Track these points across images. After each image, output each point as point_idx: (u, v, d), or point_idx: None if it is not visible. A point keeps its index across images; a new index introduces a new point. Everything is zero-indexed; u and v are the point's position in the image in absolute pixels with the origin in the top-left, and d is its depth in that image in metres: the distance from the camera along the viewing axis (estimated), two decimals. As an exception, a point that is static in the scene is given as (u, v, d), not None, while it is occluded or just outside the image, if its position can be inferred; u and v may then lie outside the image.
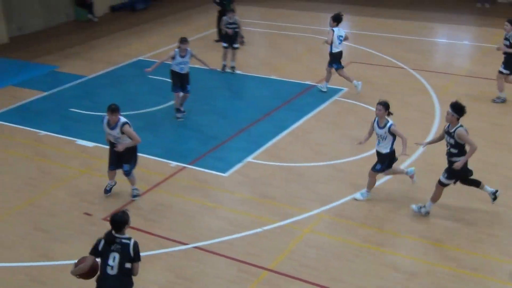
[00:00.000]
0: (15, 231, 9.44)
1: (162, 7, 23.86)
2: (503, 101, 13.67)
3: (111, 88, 15.34)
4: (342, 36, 13.96)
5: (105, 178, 10.72)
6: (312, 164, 11.31)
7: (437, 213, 9.57)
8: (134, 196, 10.27)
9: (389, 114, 9.54)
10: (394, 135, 9.46)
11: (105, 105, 13.25)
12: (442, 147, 9.31)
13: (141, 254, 6.68)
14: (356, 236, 9.12)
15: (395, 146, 9.59)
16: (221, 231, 9.26)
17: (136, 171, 10.24)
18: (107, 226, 9.34)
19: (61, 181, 10.90)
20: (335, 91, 14.55)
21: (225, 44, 16.17)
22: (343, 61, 14.37)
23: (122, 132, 9.69)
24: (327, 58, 14.37)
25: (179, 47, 13.12)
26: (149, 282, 8.13)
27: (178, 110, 13.42)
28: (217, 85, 15.27)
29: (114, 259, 6.54)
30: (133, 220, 9.47)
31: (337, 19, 14.04)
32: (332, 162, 11.35)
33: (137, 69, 16.52)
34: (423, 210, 9.44)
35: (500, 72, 13.48)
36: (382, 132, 9.53)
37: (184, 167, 11.21)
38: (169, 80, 13.54)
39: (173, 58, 13.09)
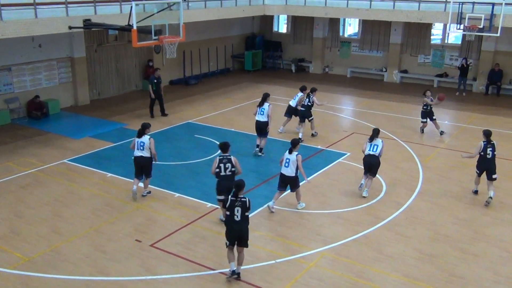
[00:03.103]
0: (80, 251, 9.46)
1: (209, 83, 24.32)
2: None
3: (165, 143, 15.52)
4: None
5: (156, 214, 10.78)
6: (318, 211, 11.20)
7: (420, 258, 9.36)
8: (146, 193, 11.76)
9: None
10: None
11: (159, 156, 13.50)
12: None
13: (180, 275, 6.63)
14: (352, 272, 8.92)
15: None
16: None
17: (178, 209, 10.19)
18: (154, 252, 9.40)
19: (121, 213, 10.94)
20: (340, 155, 14.51)
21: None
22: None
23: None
24: (337, 128, 14.43)
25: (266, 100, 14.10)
26: (183, 298, 8.04)
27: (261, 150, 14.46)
28: (247, 146, 15.35)
29: (238, 211, 8.26)
30: (174, 248, 9.51)
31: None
32: (334, 211, 11.22)
33: (187, 130, 16.73)
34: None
35: None
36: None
37: (217, 207, 11.19)
38: (211, 139, 13.74)
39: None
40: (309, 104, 15.82)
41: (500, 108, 20.18)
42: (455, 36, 24.07)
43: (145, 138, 11.38)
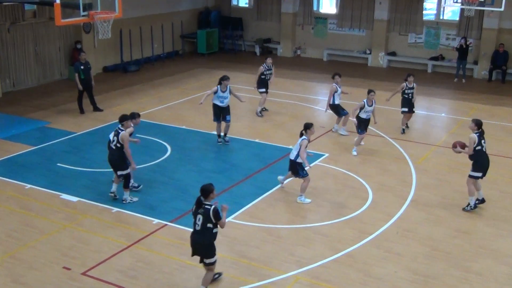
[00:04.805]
0: (-7, 283, 9.27)
1: (153, 70, 24.20)
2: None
3: (99, 145, 15.27)
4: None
5: (89, 234, 10.66)
6: (291, 226, 11.28)
7: (414, 279, 9.56)
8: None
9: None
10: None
11: (92, 161, 13.52)
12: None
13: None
14: (332, 299, 9.04)
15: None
16: (198, 289, 9.15)
17: (117, 227, 10.11)
18: (87, 281, 9.28)
19: (44, 234, 10.76)
20: (317, 156, 14.65)
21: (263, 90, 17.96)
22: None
23: None
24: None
25: (220, 84, 14.79)
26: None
27: (219, 136, 15.35)
28: (202, 147, 15.32)
29: (199, 219, 8.50)
30: (113, 276, 9.41)
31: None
32: (310, 225, 11.33)
33: (125, 128, 16.57)
34: None
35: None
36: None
37: (166, 224, 11.13)
38: (158, 140, 13.80)
39: (215, 92, 14.77)
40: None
41: (506, 96, 20.79)
42: (451, 11, 24.69)
43: None
